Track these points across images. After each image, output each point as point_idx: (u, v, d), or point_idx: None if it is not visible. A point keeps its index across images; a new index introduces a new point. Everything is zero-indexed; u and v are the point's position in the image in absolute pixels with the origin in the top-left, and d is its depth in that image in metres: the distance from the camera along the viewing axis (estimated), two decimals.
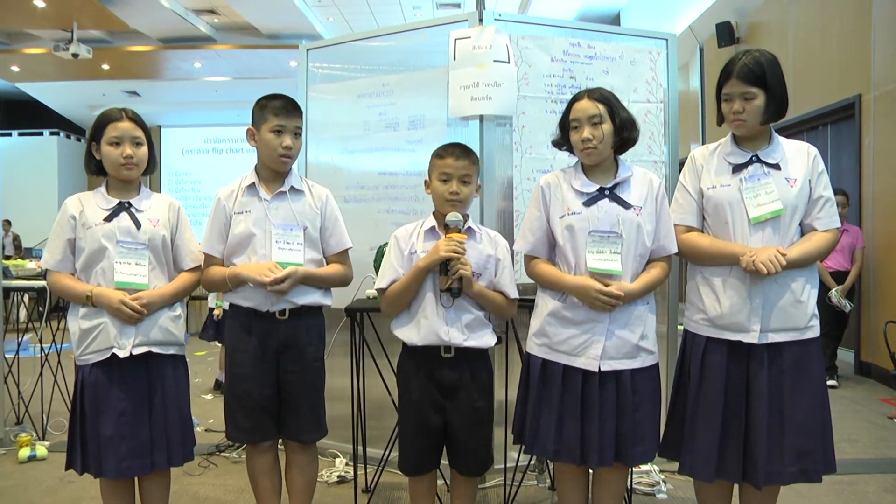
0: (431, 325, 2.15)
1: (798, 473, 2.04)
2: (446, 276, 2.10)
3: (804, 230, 2.12)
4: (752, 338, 2.05)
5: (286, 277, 2.20)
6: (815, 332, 2.08)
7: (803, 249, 2.06)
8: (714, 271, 2.13)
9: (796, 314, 2.06)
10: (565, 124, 2.15)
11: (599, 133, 2.06)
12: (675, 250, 2.15)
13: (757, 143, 2.14)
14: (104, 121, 2.20)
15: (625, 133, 2.09)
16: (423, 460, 2.22)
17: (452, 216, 2.15)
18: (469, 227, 2.22)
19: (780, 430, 2.03)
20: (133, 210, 2.21)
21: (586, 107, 2.09)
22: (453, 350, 2.15)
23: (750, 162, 2.11)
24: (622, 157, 2.19)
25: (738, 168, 2.12)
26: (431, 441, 2.19)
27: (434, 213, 2.25)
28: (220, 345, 4.99)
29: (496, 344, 2.27)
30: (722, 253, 2.10)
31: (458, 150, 2.22)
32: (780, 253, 1.99)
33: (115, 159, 2.17)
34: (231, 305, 2.35)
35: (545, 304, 2.15)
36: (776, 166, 2.09)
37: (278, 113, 2.27)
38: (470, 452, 2.21)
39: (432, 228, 2.21)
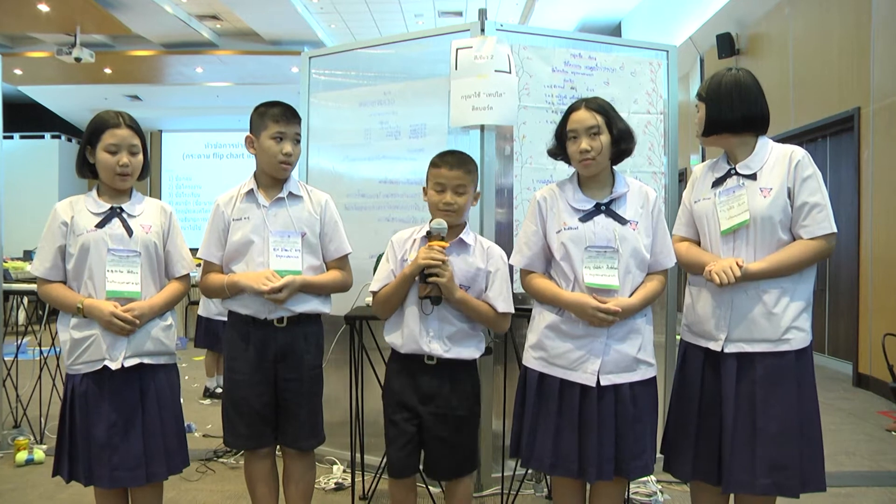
0: (413, 334, 2.16)
1: (771, 486, 2.01)
2: (425, 284, 2.10)
3: (795, 239, 2.08)
4: (716, 345, 2.09)
5: (284, 287, 2.20)
6: (792, 345, 2.04)
7: (773, 260, 2.04)
8: (695, 280, 2.21)
9: (767, 326, 2.05)
10: (562, 134, 2.14)
11: (598, 144, 2.05)
12: (672, 264, 2.17)
13: (741, 154, 2.16)
14: (101, 126, 2.13)
15: (622, 144, 2.09)
16: (401, 458, 2.20)
17: (436, 223, 2.14)
18: (460, 239, 2.20)
19: (750, 440, 2.02)
20: (125, 216, 2.17)
21: (584, 117, 2.08)
22: (436, 358, 2.16)
23: (728, 175, 2.15)
24: (621, 169, 2.19)
25: (717, 182, 2.17)
26: (407, 440, 2.19)
27: (430, 221, 2.25)
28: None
29: (483, 355, 2.27)
30: (695, 262, 2.17)
31: (452, 160, 2.19)
32: (736, 264, 2.00)
33: (111, 167, 2.12)
34: (230, 312, 2.36)
35: (542, 317, 2.14)
36: (752, 177, 2.11)
37: (278, 120, 2.28)
38: (442, 458, 2.20)
39: (426, 235, 2.20)
